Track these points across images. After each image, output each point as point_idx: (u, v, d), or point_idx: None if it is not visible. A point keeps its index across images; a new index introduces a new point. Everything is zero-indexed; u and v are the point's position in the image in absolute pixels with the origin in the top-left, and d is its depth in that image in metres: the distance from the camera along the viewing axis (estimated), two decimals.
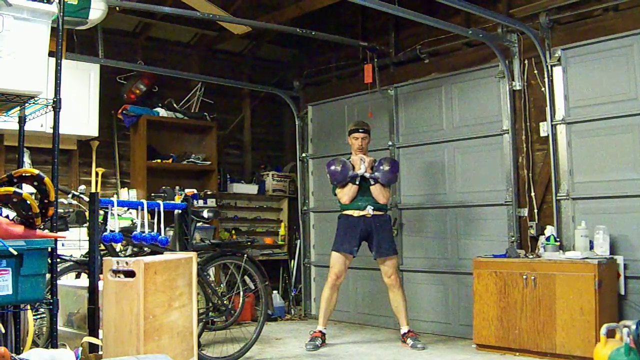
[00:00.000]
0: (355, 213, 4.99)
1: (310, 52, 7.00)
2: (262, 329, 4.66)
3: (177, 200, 5.62)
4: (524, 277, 4.39)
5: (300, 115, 6.92)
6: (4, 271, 2.46)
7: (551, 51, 4.88)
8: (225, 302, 4.47)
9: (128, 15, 5.89)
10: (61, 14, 2.90)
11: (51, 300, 2.81)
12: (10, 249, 2.43)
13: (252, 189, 7.00)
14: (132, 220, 4.87)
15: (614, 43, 4.58)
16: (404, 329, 4.98)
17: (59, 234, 2.85)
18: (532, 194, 5.01)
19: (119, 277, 2.95)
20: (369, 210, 4.94)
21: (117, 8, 5.08)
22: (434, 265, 5.57)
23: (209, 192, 6.38)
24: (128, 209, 4.61)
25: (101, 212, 3.54)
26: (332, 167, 5.04)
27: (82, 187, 5.08)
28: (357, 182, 4.97)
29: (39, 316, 3.60)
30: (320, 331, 5.01)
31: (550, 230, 4.64)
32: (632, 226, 4.42)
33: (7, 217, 2.68)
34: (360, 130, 5.09)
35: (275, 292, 6.42)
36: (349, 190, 4.98)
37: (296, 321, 6.34)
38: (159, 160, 6.15)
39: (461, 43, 5.52)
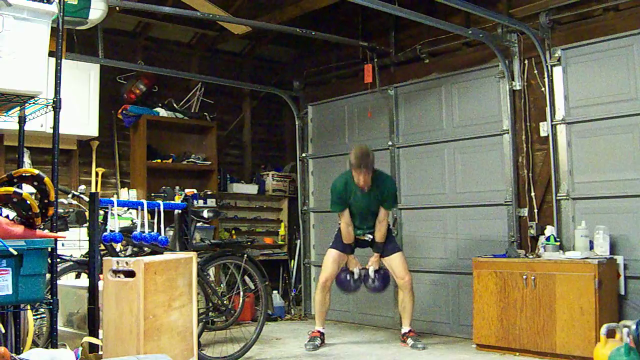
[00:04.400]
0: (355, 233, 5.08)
1: (310, 52, 7.00)
2: (262, 329, 4.66)
3: (177, 200, 5.62)
4: (524, 277, 4.38)
5: (300, 115, 6.92)
6: (4, 271, 2.46)
7: (551, 51, 4.88)
8: (225, 302, 4.47)
9: (128, 15, 5.88)
10: (61, 14, 2.90)
11: (51, 300, 2.81)
12: (10, 249, 2.43)
13: (252, 189, 7.00)
14: (132, 220, 4.88)
15: (614, 43, 4.58)
16: (405, 329, 4.98)
17: (59, 234, 2.85)
18: (532, 194, 5.01)
19: (119, 277, 2.96)
20: (367, 237, 5.04)
21: (117, 8, 5.07)
22: (434, 265, 5.57)
23: (209, 192, 6.38)
24: (128, 209, 4.62)
25: (101, 212, 3.54)
26: (344, 285, 5.06)
27: (82, 187, 5.09)
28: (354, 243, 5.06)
29: (39, 316, 3.60)
30: (318, 331, 5.01)
31: (550, 230, 4.64)
32: (632, 226, 4.42)
33: (7, 217, 2.68)
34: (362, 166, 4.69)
35: (275, 292, 6.42)
36: (345, 232, 4.98)
37: (296, 321, 6.34)
38: (159, 160, 6.15)
39: (461, 43, 5.52)
